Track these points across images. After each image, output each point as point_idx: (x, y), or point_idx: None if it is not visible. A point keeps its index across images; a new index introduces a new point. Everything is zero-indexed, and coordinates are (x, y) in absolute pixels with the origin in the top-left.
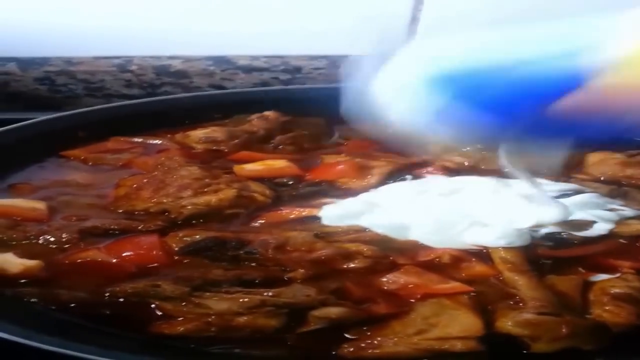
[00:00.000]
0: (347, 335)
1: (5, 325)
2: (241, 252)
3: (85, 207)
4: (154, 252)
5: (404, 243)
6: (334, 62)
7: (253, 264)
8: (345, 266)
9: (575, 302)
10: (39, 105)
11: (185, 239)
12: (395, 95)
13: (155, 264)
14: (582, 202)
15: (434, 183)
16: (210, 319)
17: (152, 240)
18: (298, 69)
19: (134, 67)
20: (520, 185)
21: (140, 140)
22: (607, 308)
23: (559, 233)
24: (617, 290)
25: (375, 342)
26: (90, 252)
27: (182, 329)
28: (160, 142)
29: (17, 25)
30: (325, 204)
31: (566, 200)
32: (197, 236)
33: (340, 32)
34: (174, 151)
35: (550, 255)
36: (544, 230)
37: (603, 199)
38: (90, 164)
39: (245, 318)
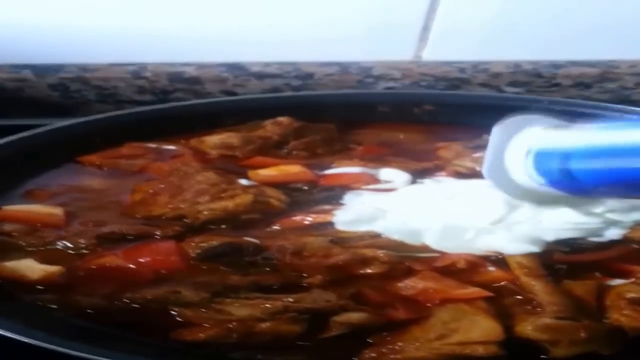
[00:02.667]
0: (368, 341)
1: (29, 330)
2: (258, 257)
3: (102, 212)
4: (172, 258)
5: (419, 248)
6: (345, 68)
7: (270, 270)
8: (362, 271)
9: (592, 306)
10: (50, 111)
11: (201, 244)
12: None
13: (173, 270)
14: (598, 206)
15: (446, 188)
16: (231, 325)
17: (169, 246)
18: (310, 75)
19: (148, 74)
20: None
21: (154, 146)
22: (624, 312)
23: (573, 238)
24: (633, 295)
25: (397, 347)
26: (107, 257)
27: (203, 335)
28: (174, 147)
29: (33, 31)
30: (338, 209)
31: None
32: (214, 242)
33: (351, 39)
34: (188, 157)
35: (566, 260)
36: (559, 235)
37: (618, 203)
38: (105, 169)
39: (268, 324)
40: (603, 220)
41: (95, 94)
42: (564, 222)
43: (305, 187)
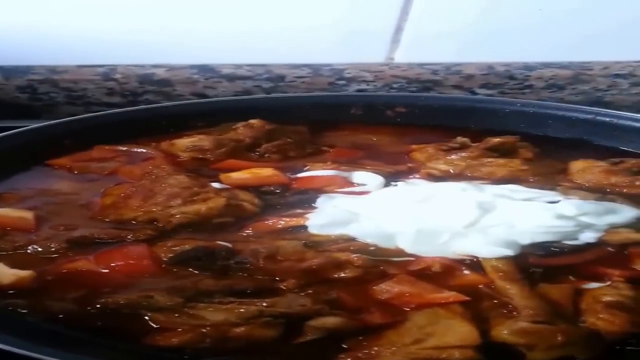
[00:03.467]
0: (344, 346)
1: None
2: (231, 261)
3: (73, 216)
4: (144, 262)
5: (393, 252)
6: (316, 71)
7: (243, 274)
8: (336, 275)
9: (567, 310)
10: (18, 113)
11: (174, 248)
12: None
13: (145, 275)
14: (571, 209)
15: (419, 190)
16: (205, 330)
17: (141, 250)
18: (281, 77)
19: (117, 76)
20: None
21: (124, 148)
22: (600, 316)
23: (549, 242)
24: (609, 299)
25: (373, 352)
26: (79, 262)
27: (176, 340)
28: (145, 150)
29: (2, 33)
30: (312, 212)
31: (555, 208)
32: (186, 246)
33: (323, 41)
34: (160, 160)
35: (541, 263)
36: (534, 239)
37: (592, 206)
38: (75, 172)
39: (242, 329)
40: (577, 223)
41: (65, 96)
42: (537, 225)
43: (278, 190)
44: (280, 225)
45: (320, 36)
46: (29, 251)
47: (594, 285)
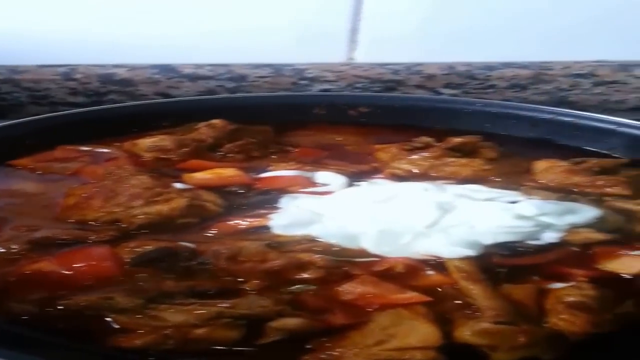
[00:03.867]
0: (307, 347)
1: None
2: (193, 262)
3: (35, 217)
4: (105, 264)
5: (356, 253)
6: (278, 71)
7: (206, 275)
8: (298, 276)
9: (531, 310)
10: None
11: (136, 249)
12: None
13: (107, 276)
14: (531, 209)
15: (382, 190)
16: (167, 332)
17: (103, 251)
18: (243, 77)
19: (78, 76)
20: (468, 192)
21: (87, 148)
22: (562, 317)
23: (512, 242)
24: (571, 299)
25: (335, 353)
26: (41, 263)
27: (139, 342)
28: (108, 150)
29: None
30: (274, 213)
31: (515, 208)
32: (149, 247)
33: (282, 41)
34: (122, 160)
35: (505, 263)
36: (496, 239)
37: (552, 206)
38: (38, 173)
39: (203, 330)
40: (536, 223)
41: (28, 95)
42: (496, 225)
43: (241, 191)
44: (243, 226)
45: (279, 36)
46: None
47: (558, 285)
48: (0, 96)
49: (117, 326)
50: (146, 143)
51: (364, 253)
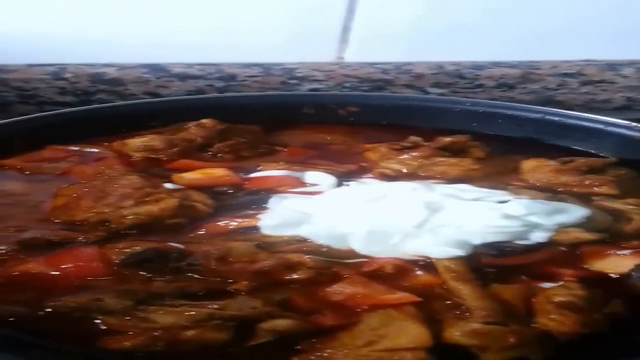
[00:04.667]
0: (297, 348)
1: None
2: (183, 263)
3: (24, 217)
4: (94, 264)
5: (345, 253)
6: (268, 70)
7: (195, 276)
8: (288, 277)
9: (520, 310)
10: None
11: (125, 250)
12: None
13: (95, 277)
14: (519, 209)
15: (370, 190)
16: (156, 333)
17: (91, 252)
18: (232, 77)
19: (68, 75)
20: (456, 192)
21: (77, 148)
22: (551, 317)
23: (501, 242)
24: (560, 299)
25: (325, 354)
26: (29, 264)
27: (128, 344)
28: (97, 150)
29: None
30: (263, 213)
31: (503, 208)
32: (138, 247)
33: (272, 41)
34: (112, 160)
35: (494, 263)
36: (485, 239)
37: (540, 206)
38: (27, 173)
39: (193, 332)
40: (524, 223)
41: (17, 95)
42: (484, 225)
43: (231, 191)
44: (232, 226)
45: (268, 36)
46: None
47: (547, 285)
48: None
49: (105, 328)
50: (136, 143)
51: (353, 253)
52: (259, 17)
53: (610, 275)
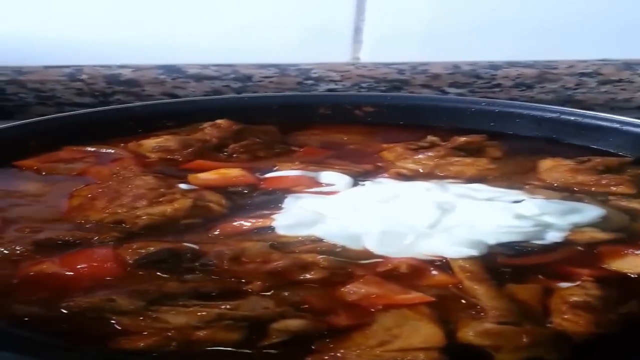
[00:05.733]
0: (311, 348)
1: None
2: (196, 264)
3: (40, 218)
4: (108, 265)
5: (359, 254)
6: (284, 71)
7: (208, 276)
8: (301, 277)
9: (535, 310)
10: None
11: (139, 250)
12: None
13: (109, 277)
14: (531, 209)
15: (385, 190)
16: (170, 334)
17: (105, 252)
18: (249, 77)
19: (84, 76)
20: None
21: (93, 149)
22: (566, 317)
23: (516, 242)
24: (575, 299)
25: (338, 354)
26: (44, 264)
27: (142, 344)
28: (113, 151)
29: None
30: (278, 213)
31: (516, 207)
32: (152, 248)
33: (287, 42)
34: (128, 160)
35: (510, 263)
36: (499, 239)
37: (554, 205)
38: (43, 173)
39: (205, 332)
40: (537, 223)
41: (34, 96)
42: (497, 225)
43: (246, 191)
44: (246, 226)
45: (284, 36)
46: None
47: (564, 285)
48: (7, 97)
49: (120, 328)
50: (151, 144)
51: (367, 254)
52: (274, 18)
53: (629, 275)
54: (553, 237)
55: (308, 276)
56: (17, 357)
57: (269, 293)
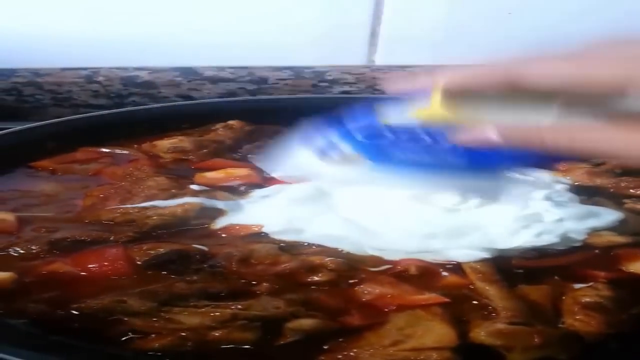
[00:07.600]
0: (324, 347)
1: None
2: (205, 265)
3: (55, 218)
4: (118, 265)
5: (368, 255)
6: (299, 73)
7: (217, 278)
8: (309, 279)
9: (547, 311)
10: (5, 115)
11: (149, 251)
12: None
13: (119, 277)
14: (550, 212)
15: (394, 193)
16: (184, 334)
17: (116, 253)
18: (264, 80)
19: (100, 78)
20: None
21: (108, 150)
22: (577, 317)
23: (530, 244)
24: (587, 300)
25: (352, 353)
26: (56, 263)
27: (157, 344)
28: (128, 152)
29: None
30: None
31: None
32: (161, 249)
33: (302, 44)
34: (142, 161)
35: (524, 265)
36: (512, 243)
37: (572, 209)
38: (59, 174)
39: (220, 332)
40: (555, 226)
41: (51, 98)
42: (509, 228)
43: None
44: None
45: (299, 39)
46: (10, 253)
47: (577, 286)
48: (23, 98)
49: (133, 328)
50: (165, 144)
51: (375, 255)
52: (289, 20)
53: None
54: (569, 240)
55: (316, 278)
56: (32, 355)
57: (277, 294)
